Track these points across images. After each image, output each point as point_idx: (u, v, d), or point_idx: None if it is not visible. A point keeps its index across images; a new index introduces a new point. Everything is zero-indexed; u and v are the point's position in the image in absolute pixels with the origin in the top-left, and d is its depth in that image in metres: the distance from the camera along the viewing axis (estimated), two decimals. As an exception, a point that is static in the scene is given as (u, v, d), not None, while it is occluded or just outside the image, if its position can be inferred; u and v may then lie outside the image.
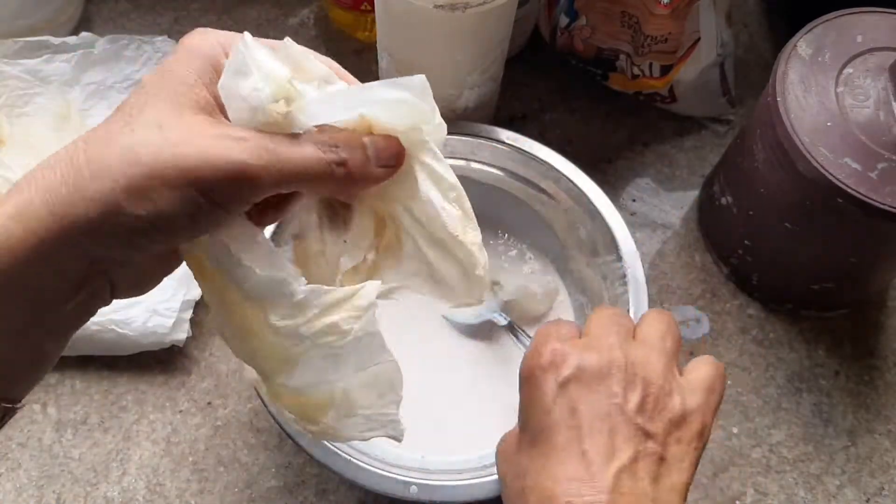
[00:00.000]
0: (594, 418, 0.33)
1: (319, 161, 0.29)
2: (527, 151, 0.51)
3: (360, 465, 0.42)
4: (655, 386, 0.34)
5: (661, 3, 0.51)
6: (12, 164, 0.52)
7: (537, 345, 0.36)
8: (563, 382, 0.34)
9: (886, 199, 0.43)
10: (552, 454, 0.33)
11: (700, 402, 0.35)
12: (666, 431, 0.34)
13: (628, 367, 0.34)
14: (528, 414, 0.35)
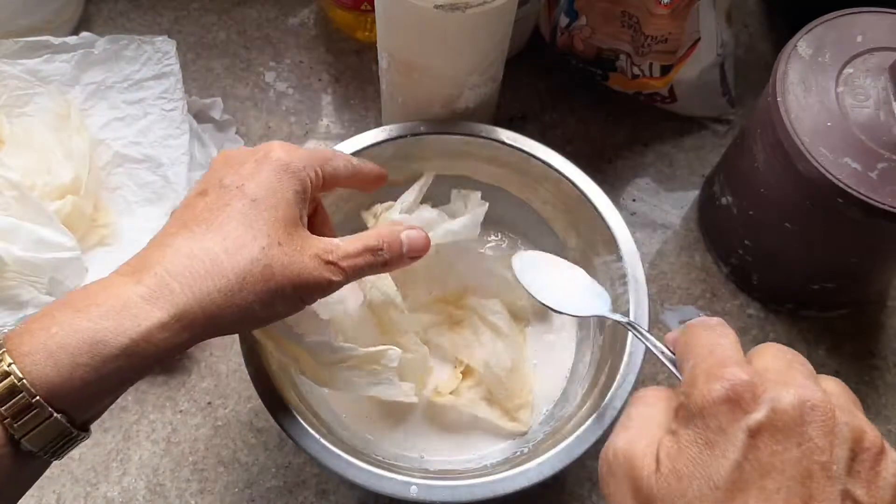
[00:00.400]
0: (791, 481, 0.26)
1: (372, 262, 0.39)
2: (527, 151, 0.51)
3: (361, 465, 0.42)
4: (869, 441, 0.27)
5: (661, 3, 0.51)
6: (12, 164, 0.52)
7: (712, 367, 0.29)
8: (754, 431, 0.27)
9: (886, 199, 0.43)
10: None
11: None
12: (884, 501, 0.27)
13: (834, 413, 0.27)
14: (704, 460, 0.27)
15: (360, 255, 0.38)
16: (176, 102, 0.56)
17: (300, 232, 0.37)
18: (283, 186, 0.37)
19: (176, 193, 0.54)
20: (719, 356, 0.29)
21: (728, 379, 0.28)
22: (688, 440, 0.28)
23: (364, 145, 0.50)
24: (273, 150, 0.38)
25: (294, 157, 0.38)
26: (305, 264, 0.36)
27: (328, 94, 0.64)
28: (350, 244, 0.38)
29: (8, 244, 0.49)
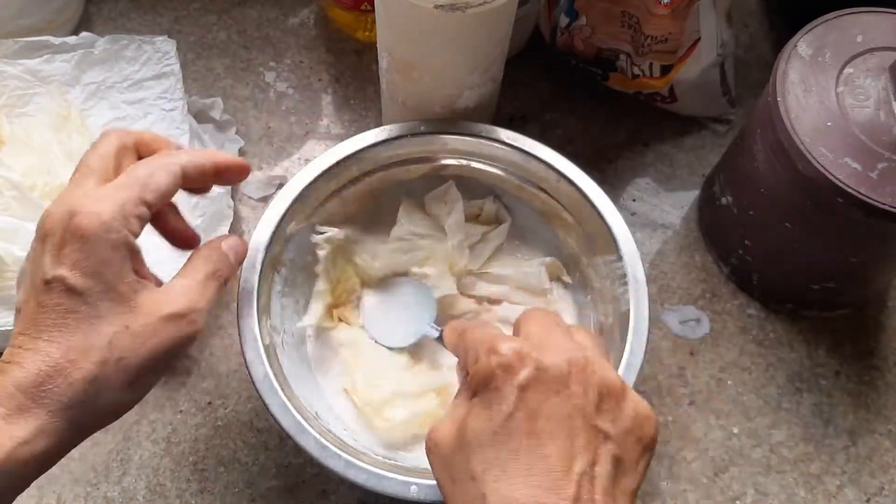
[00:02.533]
0: (555, 422, 0.32)
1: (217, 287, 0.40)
2: (527, 151, 0.51)
3: (361, 465, 0.42)
4: (613, 386, 0.34)
5: (661, 3, 0.51)
6: (12, 164, 0.52)
7: (490, 343, 0.35)
8: (524, 385, 0.33)
9: (886, 199, 0.43)
10: (513, 459, 0.32)
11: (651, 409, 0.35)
12: (626, 431, 0.33)
13: (587, 367, 0.34)
14: (484, 416, 0.33)
15: (206, 287, 0.39)
16: (176, 102, 0.56)
17: (142, 298, 0.36)
18: (107, 265, 0.35)
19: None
20: (490, 339, 0.35)
21: (500, 351, 0.34)
22: (473, 405, 0.34)
23: (365, 145, 0.50)
24: (77, 220, 0.35)
25: (103, 215, 0.35)
26: (159, 333, 0.36)
27: (328, 94, 0.64)
28: (191, 283, 0.39)
29: (8, 244, 0.49)
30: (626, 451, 0.33)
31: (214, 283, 0.40)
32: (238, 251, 0.42)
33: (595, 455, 0.32)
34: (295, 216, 0.49)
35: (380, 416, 0.48)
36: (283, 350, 0.47)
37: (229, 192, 0.57)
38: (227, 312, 0.55)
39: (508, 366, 0.34)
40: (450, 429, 0.35)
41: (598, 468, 0.32)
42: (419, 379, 0.50)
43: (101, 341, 0.34)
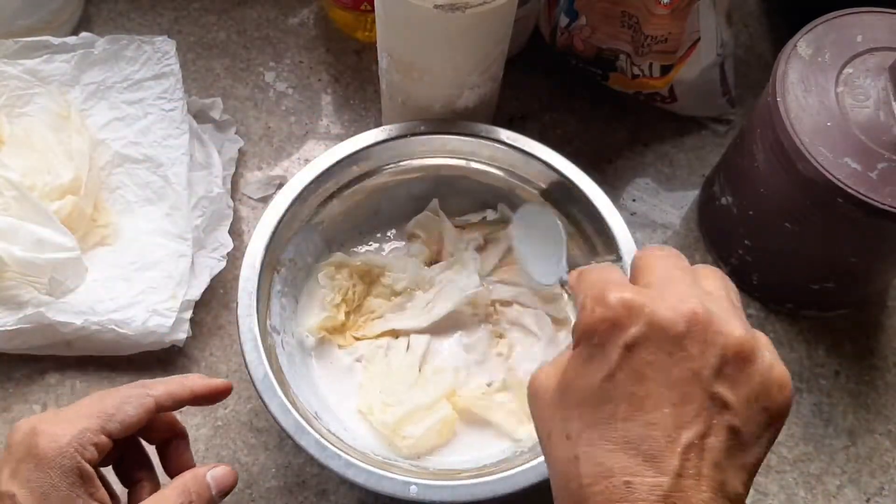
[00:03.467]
0: (664, 387, 0.29)
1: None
2: (527, 151, 0.51)
3: (360, 465, 0.42)
4: (741, 347, 0.29)
5: (661, 3, 0.51)
6: (12, 164, 0.52)
7: (600, 290, 0.31)
8: (632, 344, 0.29)
9: (886, 199, 0.43)
10: (610, 424, 0.29)
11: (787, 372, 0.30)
12: (750, 399, 0.29)
13: (710, 324, 0.29)
14: (584, 372, 0.30)
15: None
16: (176, 102, 0.56)
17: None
18: (54, 489, 0.35)
19: (176, 193, 0.54)
20: (604, 283, 0.31)
21: (609, 301, 0.30)
22: (574, 357, 0.31)
23: (365, 145, 0.50)
24: (36, 440, 0.36)
25: (61, 440, 0.36)
26: None
27: (328, 94, 0.64)
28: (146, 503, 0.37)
29: (8, 244, 0.49)
30: (747, 421, 0.29)
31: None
32: (222, 484, 0.40)
33: (708, 426, 0.29)
34: (295, 216, 0.49)
35: (398, 436, 0.47)
36: (282, 350, 0.47)
37: (229, 192, 0.57)
38: (227, 312, 0.55)
39: (616, 320, 0.30)
40: (550, 377, 0.32)
41: (711, 439, 0.28)
42: (428, 390, 0.49)
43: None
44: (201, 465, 0.41)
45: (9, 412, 0.52)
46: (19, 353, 0.52)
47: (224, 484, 0.40)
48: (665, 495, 0.28)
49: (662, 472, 0.28)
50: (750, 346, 0.30)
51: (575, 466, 0.29)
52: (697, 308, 0.30)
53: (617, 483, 0.28)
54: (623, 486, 0.28)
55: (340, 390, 0.50)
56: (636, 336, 0.29)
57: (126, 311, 0.51)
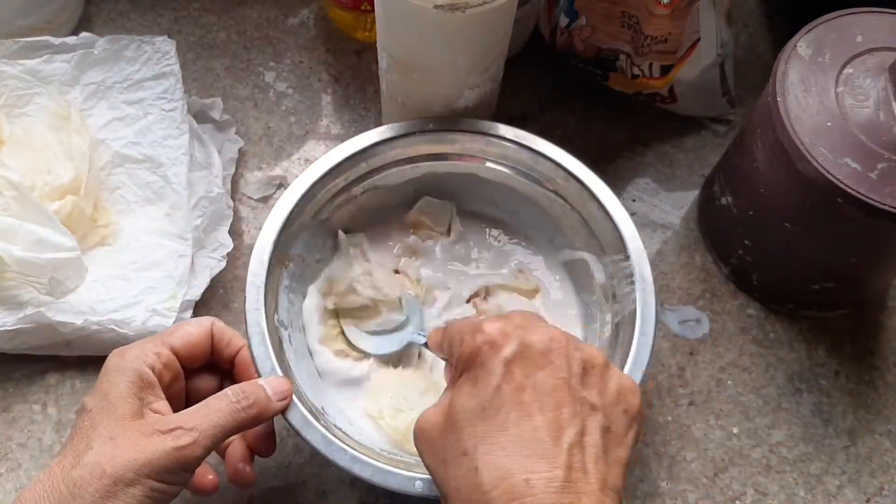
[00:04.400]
0: (542, 394, 0.33)
1: (234, 411, 0.39)
2: (535, 149, 0.51)
3: (366, 460, 0.42)
4: (597, 360, 0.35)
5: (661, 3, 0.51)
6: (12, 164, 0.52)
7: (474, 325, 0.36)
8: (510, 360, 0.34)
9: (886, 199, 0.43)
10: (503, 431, 0.33)
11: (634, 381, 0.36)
12: (612, 403, 0.34)
13: (569, 343, 0.35)
14: (472, 392, 0.34)
15: (211, 411, 0.39)
16: (176, 102, 0.56)
17: (140, 417, 0.39)
18: (113, 386, 0.39)
19: (176, 193, 0.54)
20: (474, 322, 0.37)
21: (485, 330, 0.36)
22: (461, 383, 0.35)
23: (374, 141, 0.50)
24: (107, 362, 0.41)
25: (127, 355, 0.41)
26: (140, 446, 0.37)
27: (328, 94, 0.64)
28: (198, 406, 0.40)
29: (8, 244, 0.49)
30: (613, 421, 0.34)
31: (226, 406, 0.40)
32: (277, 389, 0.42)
33: (583, 426, 0.33)
34: (304, 212, 0.50)
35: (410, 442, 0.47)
36: (289, 345, 0.47)
37: (229, 192, 0.57)
38: (227, 312, 0.55)
39: (493, 342, 0.35)
40: (437, 414, 0.36)
41: (588, 438, 0.33)
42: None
43: (86, 448, 0.37)
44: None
45: (9, 412, 0.52)
46: (19, 353, 0.52)
47: (279, 389, 0.42)
48: (560, 486, 0.31)
49: (555, 467, 0.32)
50: (604, 359, 0.36)
51: (475, 476, 0.32)
52: (556, 331, 0.36)
53: (517, 482, 0.31)
54: (523, 484, 0.31)
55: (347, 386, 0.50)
56: (513, 353, 0.34)
57: (126, 311, 0.51)
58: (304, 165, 0.61)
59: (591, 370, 0.35)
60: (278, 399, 0.42)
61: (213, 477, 0.43)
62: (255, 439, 0.44)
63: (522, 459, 0.32)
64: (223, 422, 0.39)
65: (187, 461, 0.38)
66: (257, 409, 0.40)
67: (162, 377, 0.41)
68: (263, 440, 0.44)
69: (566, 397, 0.34)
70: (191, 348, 0.43)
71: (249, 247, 0.57)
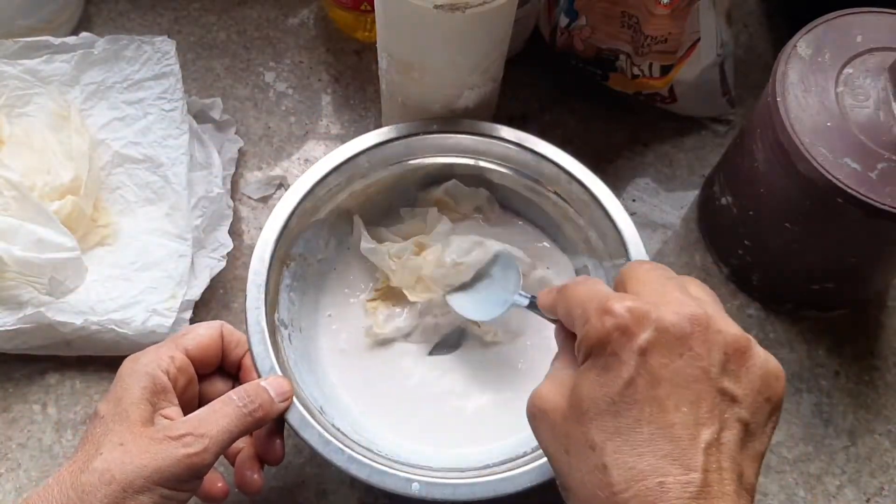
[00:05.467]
0: (679, 387, 0.30)
1: (241, 416, 0.39)
2: (538, 153, 0.51)
3: (363, 460, 0.42)
4: (739, 343, 0.32)
5: (661, 3, 0.51)
6: (12, 164, 0.52)
7: (601, 302, 0.32)
8: (645, 349, 0.31)
9: (886, 199, 0.43)
10: (636, 429, 0.30)
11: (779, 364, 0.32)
12: (754, 391, 0.31)
13: (710, 325, 0.31)
14: (601, 381, 0.31)
15: (219, 416, 0.39)
16: (176, 102, 0.56)
17: (151, 423, 0.39)
18: (126, 392, 0.39)
19: (176, 193, 0.54)
20: (601, 297, 0.33)
21: (615, 311, 0.31)
22: (587, 369, 0.32)
23: (377, 142, 0.50)
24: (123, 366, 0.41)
25: (141, 360, 0.40)
26: (150, 452, 0.37)
27: (328, 94, 0.64)
28: (205, 411, 0.39)
29: (8, 244, 0.49)
30: (754, 413, 0.31)
31: (232, 410, 0.40)
32: (279, 389, 0.42)
33: (722, 421, 0.30)
34: (306, 211, 0.50)
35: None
36: (290, 344, 0.48)
37: (229, 192, 0.57)
38: (227, 312, 0.55)
39: (626, 328, 0.31)
40: (559, 396, 0.33)
41: (726, 433, 0.30)
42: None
43: (95, 453, 0.37)
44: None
45: (9, 412, 0.52)
46: (19, 353, 0.52)
47: (280, 389, 0.42)
48: (697, 492, 0.29)
49: (691, 469, 0.29)
50: (746, 342, 0.32)
51: (604, 475, 0.30)
52: (697, 310, 0.32)
53: (650, 484, 0.29)
54: (657, 487, 0.29)
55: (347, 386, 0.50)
56: (648, 340, 0.31)
57: (126, 311, 0.51)
58: (304, 165, 0.61)
59: (733, 355, 0.31)
60: (280, 400, 0.42)
61: (222, 485, 0.43)
62: (263, 447, 0.44)
63: (656, 461, 0.29)
64: (231, 426, 0.39)
65: (197, 468, 0.38)
66: (263, 412, 0.41)
67: (177, 382, 0.41)
68: (271, 448, 0.44)
69: (705, 389, 0.30)
70: (204, 350, 0.43)
71: (249, 247, 0.57)
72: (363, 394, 0.50)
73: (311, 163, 0.60)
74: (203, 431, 0.38)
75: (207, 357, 0.43)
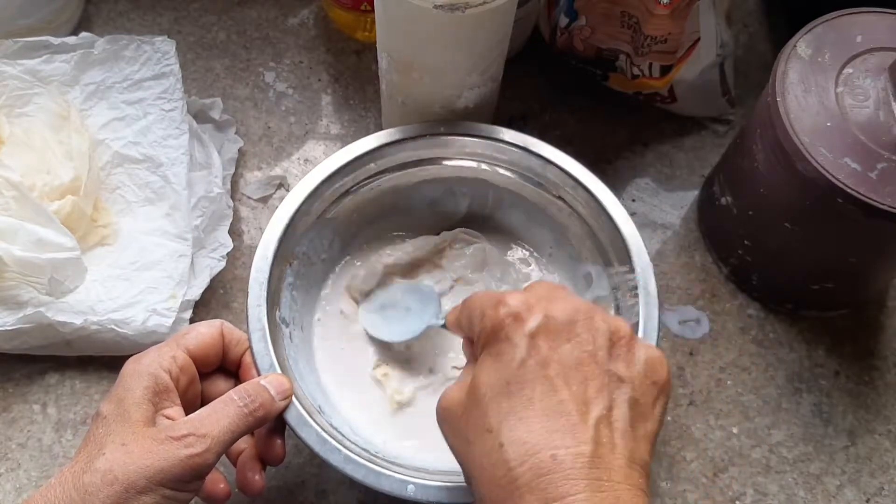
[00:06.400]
0: (567, 368, 0.33)
1: (242, 415, 0.39)
2: (545, 158, 0.51)
3: (359, 461, 0.42)
4: (623, 331, 0.34)
5: (661, 3, 0.51)
6: (12, 164, 0.52)
7: (496, 298, 0.35)
8: (535, 332, 0.33)
9: (886, 199, 0.43)
10: (528, 407, 0.32)
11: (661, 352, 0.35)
12: (640, 374, 0.34)
13: (594, 315, 0.34)
14: (495, 367, 0.34)
15: (220, 415, 0.39)
16: (175, 102, 0.56)
17: (153, 423, 0.39)
18: (128, 392, 0.39)
19: (176, 193, 0.54)
20: (496, 296, 0.36)
21: (507, 302, 0.34)
22: (484, 358, 0.34)
23: (382, 143, 0.50)
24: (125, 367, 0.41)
25: (143, 360, 0.40)
26: (153, 453, 0.37)
27: (328, 95, 0.64)
28: (206, 411, 0.40)
29: (8, 244, 0.49)
30: (641, 394, 0.33)
31: (233, 410, 0.40)
32: (279, 387, 0.42)
33: (611, 399, 0.32)
34: (309, 210, 0.50)
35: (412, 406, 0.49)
36: (290, 342, 0.48)
37: (229, 192, 0.57)
38: (227, 312, 0.55)
39: (517, 314, 0.34)
40: (459, 391, 0.35)
41: (616, 412, 0.32)
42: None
43: (98, 454, 0.37)
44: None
45: (9, 412, 0.52)
46: (19, 353, 0.52)
47: (280, 386, 0.42)
48: (588, 461, 0.31)
49: (582, 442, 0.31)
50: (629, 331, 0.35)
51: (500, 454, 0.32)
52: (580, 302, 0.35)
53: (543, 457, 0.31)
54: (549, 460, 0.31)
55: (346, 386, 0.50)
56: (537, 325, 0.34)
57: (126, 311, 0.51)
58: (303, 165, 0.61)
59: (617, 342, 0.34)
60: (281, 398, 0.42)
61: (224, 485, 0.43)
62: (264, 447, 0.44)
63: (548, 435, 0.31)
64: (233, 426, 0.39)
65: (199, 468, 0.38)
66: (264, 410, 0.41)
67: (179, 381, 0.41)
68: (272, 448, 0.44)
69: (593, 370, 0.33)
70: (205, 349, 0.43)
71: (249, 247, 0.57)
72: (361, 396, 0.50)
73: (311, 163, 0.61)
74: (205, 432, 0.38)
75: (209, 356, 0.43)
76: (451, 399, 0.35)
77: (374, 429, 0.48)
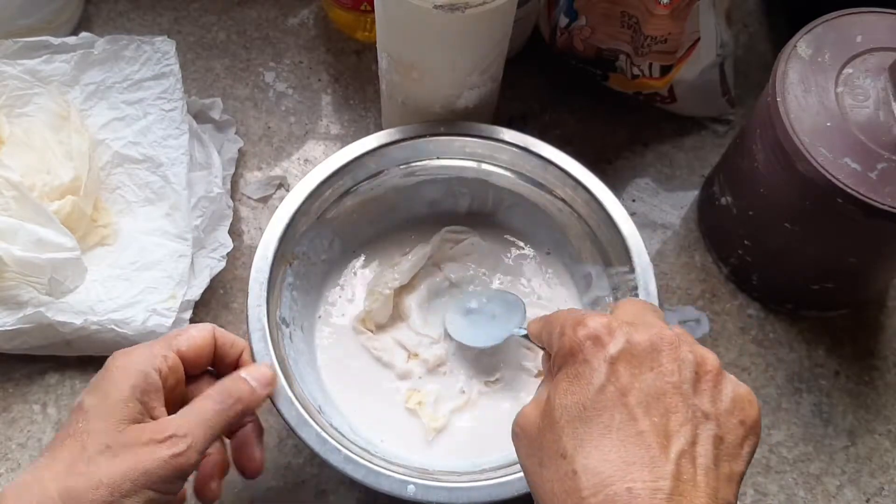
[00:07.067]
0: (649, 398, 0.31)
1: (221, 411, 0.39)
2: (545, 158, 0.51)
3: (359, 461, 0.42)
4: (711, 364, 0.32)
5: (661, 3, 0.51)
6: (12, 164, 0.52)
7: (577, 318, 0.33)
8: (614, 358, 0.31)
9: (886, 199, 0.43)
10: (605, 435, 0.30)
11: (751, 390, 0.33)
12: (726, 412, 0.31)
13: (680, 344, 0.32)
14: (571, 390, 0.32)
15: (199, 412, 0.39)
16: (175, 102, 0.56)
17: (136, 423, 0.38)
18: (115, 387, 0.38)
19: (176, 193, 0.54)
20: (577, 315, 0.34)
21: (588, 324, 0.33)
22: (560, 379, 0.33)
23: (382, 143, 0.50)
24: (111, 361, 0.40)
25: (133, 356, 0.40)
26: (137, 455, 0.36)
27: (328, 95, 0.64)
28: (188, 410, 0.39)
29: (8, 244, 0.49)
30: (727, 432, 0.31)
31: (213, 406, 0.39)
32: (261, 378, 0.42)
33: (694, 434, 0.30)
34: (310, 210, 0.50)
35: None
36: (290, 343, 0.48)
37: (229, 192, 0.57)
38: (227, 312, 0.55)
39: (597, 337, 0.32)
40: (535, 411, 0.34)
41: (699, 448, 0.30)
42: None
43: (80, 454, 0.36)
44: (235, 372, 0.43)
45: (9, 412, 0.52)
46: (19, 353, 0.52)
47: (262, 377, 0.42)
48: (667, 498, 0.28)
49: (661, 477, 0.29)
50: (717, 364, 0.33)
51: (573, 481, 0.30)
52: (666, 331, 0.33)
53: (619, 490, 0.29)
54: (625, 493, 0.29)
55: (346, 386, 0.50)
56: (618, 351, 0.32)
57: (126, 311, 0.51)
58: (303, 165, 0.61)
59: (704, 375, 0.32)
60: (262, 387, 0.42)
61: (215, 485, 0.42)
62: (239, 457, 0.43)
63: (625, 466, 0.29)
64: (213, 423, 0.39)
65: (183, 469, 0.37)
66: (242, 404, 0.40)
67: (167, 381, 0.41)
68: (248, 457, 0.43)
69: (676, 403, 0.31)
70: (197, 351, 0.42)
71: (249, 247, 0.57)
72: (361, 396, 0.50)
73: (311, 163, 0.61)
74: (185, 431, 0.38)
75: (199, 359, 0.43)
76: (526, 418, 0.34)
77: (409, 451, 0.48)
